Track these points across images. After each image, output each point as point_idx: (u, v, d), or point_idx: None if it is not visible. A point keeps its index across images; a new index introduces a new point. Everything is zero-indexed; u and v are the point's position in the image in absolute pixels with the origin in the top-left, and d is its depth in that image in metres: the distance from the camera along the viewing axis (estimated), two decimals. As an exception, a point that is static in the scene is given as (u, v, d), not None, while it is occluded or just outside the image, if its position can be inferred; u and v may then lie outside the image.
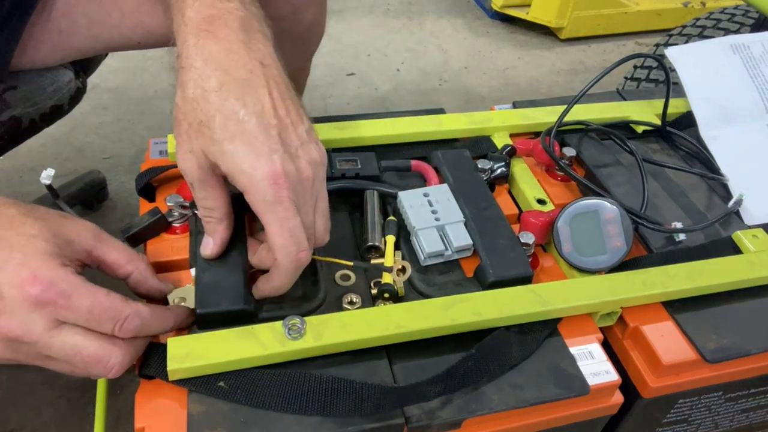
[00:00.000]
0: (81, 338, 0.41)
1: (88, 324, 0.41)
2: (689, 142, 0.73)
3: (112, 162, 1.28)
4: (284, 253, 0.45)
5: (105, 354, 0.41)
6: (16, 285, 0.39)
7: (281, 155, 0.43)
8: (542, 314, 0.51)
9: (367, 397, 0.44)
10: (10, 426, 0.85)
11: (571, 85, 1.70)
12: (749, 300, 0.57)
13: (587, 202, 0.57)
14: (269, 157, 0.43)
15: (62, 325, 0.40)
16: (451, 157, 0.64)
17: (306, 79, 0.96)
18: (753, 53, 0.77)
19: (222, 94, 0.43)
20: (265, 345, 0.46)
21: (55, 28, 0.66)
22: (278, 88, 0.46)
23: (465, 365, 0.47)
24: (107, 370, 0.42)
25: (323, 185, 0.48)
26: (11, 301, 0.39)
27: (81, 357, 0.41)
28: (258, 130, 0.43)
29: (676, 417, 0.58)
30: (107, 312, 0.41)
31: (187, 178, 0.46)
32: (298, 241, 0.44)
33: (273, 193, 0.43)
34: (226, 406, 0.44)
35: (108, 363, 0.42)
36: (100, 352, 0.41)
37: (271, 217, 0.44)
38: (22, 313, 0.39)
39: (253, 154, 0.43)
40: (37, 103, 0.68)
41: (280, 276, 0.46)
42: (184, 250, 0.55)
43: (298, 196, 0.45)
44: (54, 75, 0.70)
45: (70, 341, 0.40)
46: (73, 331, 0.40)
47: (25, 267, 0.39)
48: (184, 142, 0.45)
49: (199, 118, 0.43)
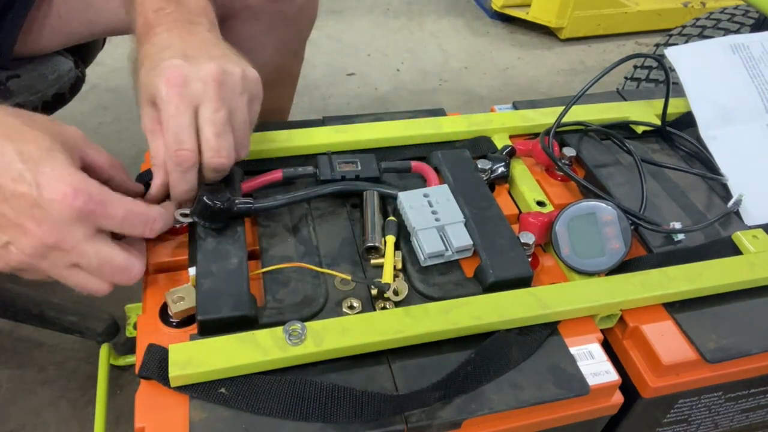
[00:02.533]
0: (111, 249, 0.45)
1: (121, 229, 0.46)
2: (689, 142, 0.73)
3: (112, 162, 1.28)
4: (166, 147, 0.48)
5: (130, 264, 0.46)
6: (58, 198, 0.41)
7: (179, 65, 0.48)
8: (542, 317, 0.51)
9: (367, 404, 0.44)
10: (10, 426, 0.85)
11: (571, 85, 1.70)
12: (749, 300, 0.57)
13: (585, 204, 0.57)
14: (167, 66, 0.48)
15: (98, 234, 0.44)
16: (451, 157, 0.64)
17: (300, 66, 0.96)
18: (753, 53, 0.77)
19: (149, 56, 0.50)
20: (266, 351, 0.46)
21: (55, 14, 0.67)
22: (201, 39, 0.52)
23: (464, 370, 0.47)
24: (131, 278, 0.47)
25: (240, 97, 0.50)
26: (54, 213, 0.42)
27: (110, 266, 0.45)
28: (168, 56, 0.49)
29: (676, 417, 0.58)
30: (138, 217, 0.46)
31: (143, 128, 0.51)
32: (179, 140, 0.48)
33: (165, 91, 0.47)
34: (228, 413, 0.45)
35: (132, 271, 0.47)
36: (127, 263, 0.46)
37: (162, 116, 0.48)
38: (65, 223, 0.42)
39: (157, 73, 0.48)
40: (39, 91, 0.70)
41: (163, 173, 0.50)
42: (183, 250, 0.55)
43: (195, 96, 0.48)
44: (55, 64, 0.72)
45: (102, 250, 0.45)
46: (105, 242, 0.45)
47: (61, 181, 0.42)
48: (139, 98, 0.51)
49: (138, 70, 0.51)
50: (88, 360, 0.92)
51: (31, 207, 0.41)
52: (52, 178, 0.42)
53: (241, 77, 0.50)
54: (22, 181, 0.41)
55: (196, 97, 0.48)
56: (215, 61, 0.49)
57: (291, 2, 0.78)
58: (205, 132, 0.49)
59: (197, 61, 0.49)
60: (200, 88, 0.48)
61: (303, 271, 0.53)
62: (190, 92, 0.48)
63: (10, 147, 0.42)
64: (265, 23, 0.78)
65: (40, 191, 0.41)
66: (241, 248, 0.52)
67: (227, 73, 0.49)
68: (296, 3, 0.79)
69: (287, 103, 1.00)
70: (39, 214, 0.42)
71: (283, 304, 0.51)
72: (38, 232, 0.42)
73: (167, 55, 0.49)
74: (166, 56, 0.49)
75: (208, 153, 0.49)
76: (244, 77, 0.51)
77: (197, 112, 0.48)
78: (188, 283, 0.51)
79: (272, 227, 0.57)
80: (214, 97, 0.48)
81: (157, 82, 0.48)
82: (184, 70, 0.48)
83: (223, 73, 0.49)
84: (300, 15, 0.82)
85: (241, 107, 0.51)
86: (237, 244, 0.53)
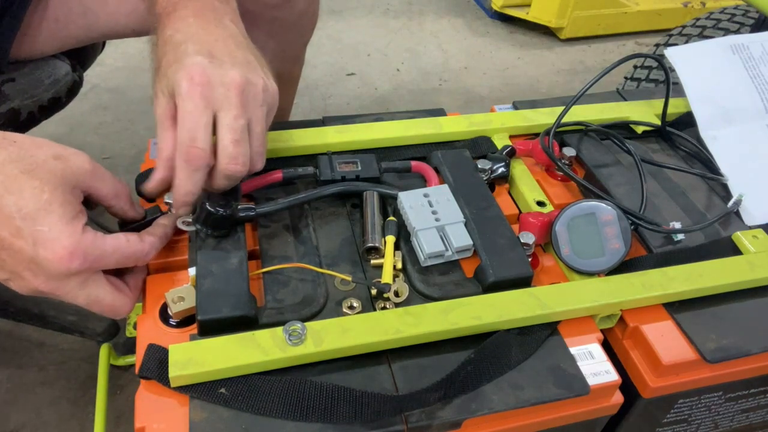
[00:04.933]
0: (102, 291, 0.47)
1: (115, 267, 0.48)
2: (689, 142, 0.73)
3: (112, 162, 1.28)
4: (178, 143, 0.48)
5: (119, 303, 0.48)
6: (53, 259, 0.42)
7: (204, 65, 0.48)
8: (542, 317, 0.52)
9: (367, 405, 0.44)
10: (10, 426, 0.85)
11: (571, 85, 1.70)
12: (749, 300, 0.57)
13: (584, 204, 0.57)
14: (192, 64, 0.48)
15: (89, 279, 0.46)
16: (451, 157, 0.64)
17: (300, 69, 0.96)
18: (753, 53, 0.77)
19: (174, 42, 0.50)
20: (266, 351, 0.46)
21: (51, 17, 0.67)
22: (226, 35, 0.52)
23: (464, 370, 0.47)
24: (119, 315, 0.49)
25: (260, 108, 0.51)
26: (49, 270, 0.43)
27: (99, 306, 0.47)
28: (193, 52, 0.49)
29: (676, 417, 0.58)
30: (131, 258, 0.48)
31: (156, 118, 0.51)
32: (193, 137, 0.48)
33: (187, 88, 0.47)
34: (228, 413, 0.45)
35: (120, 310, 0.49)
36: (115, 303, 0.48)
37: (180, 113, 0.48)
38: (59, 278, 0.44)
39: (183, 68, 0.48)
40: (35, 96, 0.69)
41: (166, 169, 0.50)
42: (183, 250, 0.55)
43: (216, 100, 0.48)
44: (51, 68, 0.70)
45: (93, 293, 0.46)
46: (98, 283, 0.46)
47: (56, 242, 0.42)
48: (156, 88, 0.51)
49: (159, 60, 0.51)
50: (88, 360, 0.92)
51: (27, 261, 0.43)
52: (48, 240, 0.42)
53: (263, 89, 0.50)
54: (20, 237, 0.42)
55: (217, 101, 0.48)
56: (240, 68, 0.49)
57: (291, 8, 0.78)
58: (224, 138, 0.48)
59: (222, 65, 0.48)
60: (222, 93, 0.48)
61: (303, 271, 0.53)
62: (212, 95, 0.48)
63: (10, 200, 0.42)
64: (265, 29, 0.78)
65: (36, 250, 0.42)
66: (241, 248, 0.52)
67: (250, 83, 0.49)
68: (296, 9, 0.79)
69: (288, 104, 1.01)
70: (35, 268, 0.43)
71: (283, 304, 0.51)
72: (33, 282, 0.44)
73: (192, 50, 0.49)
74: (190, 51, 0.49)
75: (224, 159, 0.49)
76: (265, 89, 0.51)
77: (216, 116, 0.48)
78: (188, 283, 0.51)
79: (272, 227, 0.57)
80: (235, 105, 0.48)
81: (179, 77, 0.47)
82: (209, 71, 0.48)
83: (247, 83, 0.49)
84: (300, 21, 0.82)
85: (260, 118, 0.51)
86: (237, 244, 0.53)
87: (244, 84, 0.49)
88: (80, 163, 0.46)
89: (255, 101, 0.50)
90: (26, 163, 0.43)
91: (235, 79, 0.48)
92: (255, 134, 0.50)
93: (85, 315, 0.86)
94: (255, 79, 0.50)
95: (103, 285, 0.47)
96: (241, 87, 0.48)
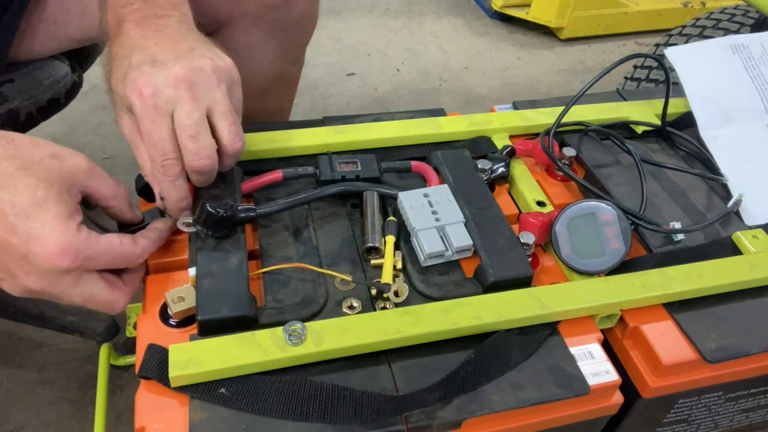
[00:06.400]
0: (96, 288, 0.47)
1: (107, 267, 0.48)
2: (689, 142, 0.73)
3: (112, 162, 1.28)
4: (151, 160, 0.49)
5: (114, 299, 0.48)
6: (45, 257, 0.42)
7: (148, 72, 0.47)
8: (542, 318, 0.52)
9: (367, 405, 0.44)
10: (10, 426, 0.85)
11: (571, 85, 1.70)
12: (749, 300, 0.57)
13: (584, 204, 0.57)
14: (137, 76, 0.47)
15: (83, 276, 0.45)
16: (451, 157, 0.64)
17: (300, 70, 0.96)
18: (753, 53, 0.77)
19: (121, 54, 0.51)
20: (266, 351, 0.46)
21: (50, 18, 0.67)
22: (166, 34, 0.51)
23: (464, 370, 0.47)
24: (114, 311, 0.49)
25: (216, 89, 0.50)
26: (41, 267, 0.43)
27: (94, 303, 0.47)
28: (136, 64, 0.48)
29: (676, 417, 0.58)
30: (123, 259, 0.48)
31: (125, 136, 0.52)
32: (162, 150, 0.48)
33: (139, 105, 0.47)
34: (228, 413, 0.45)
35: (115, 306, 0.48)
36: (110, 299, 0.48)
37: (141, 130, 0.48)
38: (51, 276, 0.43)
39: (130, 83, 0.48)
40: (34, 96, 0.69)
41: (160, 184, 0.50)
42: (183, 250, 0.55)
43: (168, 103, 0.47)
44: (50, 68, 0.70)
45: (87, 290, 0.46)
46: (91, 281, 0.46)
47: (49, 239, 0.42)
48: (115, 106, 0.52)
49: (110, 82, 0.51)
50: (88, 360, 0.92)
51: (20, 259, 0.43)
52: (41, 236, 0.42)
53: (213, 69, 0.49)
54: (13, 233, 0.42)
55: (170, 104, 0.48)
56: (183, 60, 0.48)
57: (290, 10, 0.78)
58: (180, 136, 0.48)
59: (165, 65, 0.48)
60: (172, 93, 0.47)
61: (303, 272, 0.53)
62: (163, 100, 0.47)
63: (4, 196, 0.42)
64: (265, 31, 0.78)
65: (28, 247, 0.42)
66: (241, 248, 0.52)
67: (196, 70, 0.48)
68: (296, 11, 0.79)
69: (287, 104, 1.00)
70: (27, 266, 0.43)
71: (283, 304, 0.51)
72: (25, 280, 0.43)
73: (135, 61, 0.48)
74: (134, 62, 0.48)
75: (187, 157, 0.49)
76: (216, 68, 0.50)
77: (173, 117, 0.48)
78: (188, 283, 0.51)
79: (272, 227, 0.57)
80: (186, 99, 0.48)
81: (129, 93, 0.47)
82: (153, 78, 0.47)
83: (192, 71, 0.48)
84: (300, 22, 0.82)
85: (220, 100, 0.50)
86: (237, 244, 0.53)
87: (190, 74, 0.48)
88: (77, 163, 0.46)
89: (208, 85, 0.49)
90: (22, 161, 0.44)
91: (179, 75, 0.48)
92: (219, 115, 0.50)
93: (85, 315, 0.86)
94: (200, 63, 0.49)
95: (96, 282, 0.47)
96: (187, 79, 0.48)
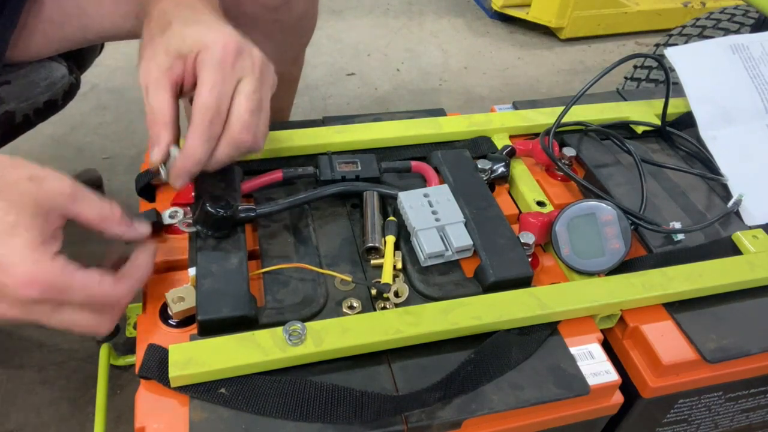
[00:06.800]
0: (77, 315, 0.43)
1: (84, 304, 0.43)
2: (689, 142, 0.73)
3: (112, 162, 1.28)
4: (204, 107, 0.47)
5: (97, 324, 0.45)
6: (14, 287, 0.40)
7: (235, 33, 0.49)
8: (541, 318, 0.52)
9: (367, 405, 0.44)
10: (10, 426, 0.85)
11: (571, 85, 1.70)
12: (749, 300, 0.57)
13: (584, 204, 0.57)
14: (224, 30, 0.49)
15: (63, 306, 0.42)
16: (451, 157, 0.64)
17: (300, 70, 0.96)
18: (753, 53, 0.77)
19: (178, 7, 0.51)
20: (266, 351, 0.46)
21: (47, 19, 0.66)
22: None
23: (464, 370, 0.47)
24: (99, 335, 0.46)
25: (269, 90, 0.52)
26: (12, 295, 0.40)
27: (78, 329, 0.44)
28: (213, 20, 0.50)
29: (676, 417, 0.58)
30: (101, 300, 0.44)
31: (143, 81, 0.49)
32: (218, 109, 0.48)
33: (221, 55, 0.47)
34: (228, 413, 0.45)
35: (100, 330, 0.45)
36: (93, 324, 0.45)
37: (208, 75, 0.47)
38: (23, 304, 0.41)
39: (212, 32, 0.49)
40: (30, 98, 0.68)
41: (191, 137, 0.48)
42: (183, 250, 0.55)
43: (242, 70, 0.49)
44: (47, 70, 0.70)
45: (67, 318, 0.43)
46: (71, 308, 0.43)
47: (18, 267, 0.40)
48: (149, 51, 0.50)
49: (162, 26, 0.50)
50: (88, 360, 0.92)
51: None
52: (9, 265, 0.40)
53: (273, 73, 0.52)
54: None
55: (243, 71, 0.49)
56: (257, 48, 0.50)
57: (290, 11, 0.77)
58: (240, 105, 0.48)
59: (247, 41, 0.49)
60: (249, 65, 0.49)
61: (303, 272, 0.53)
62: (240, 65, 0.48)
63: None
64: (263, 32, 0.77)
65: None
66: (241, 248, 0.52)
67: (267, 65, 0.51)
68: (295, 12, 0.78)
69: (287, 104, 1.00)
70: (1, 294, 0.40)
71: (283, 304, 0.51)
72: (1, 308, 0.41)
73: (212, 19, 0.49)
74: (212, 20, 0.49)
75: (237, 126, 0.48)
76: (273, 76, 0.52)
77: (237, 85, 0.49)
78: (188, 283, 0.51)
79: (272, 227, 0.57)
80: (257, 78, 0.49)
81: (211, 40, 0.48)
82: (240, 42, 0.48)
83: (265, 64, 0.50)
84: (300, 23, 0.82)
85: (267, 100, 0.52)
86: (237, 244, 0.53)
87: (265, 63, 0.50)
88: (57, 186, 0.43)
89: (268, 83, 0.51)
90: None
91: (258, 55, 0.50)
92: (264, 112, 0.51)
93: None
94: (269, 63, 0.51)
95: (78, 309, 0.43)
96: (262, 64, 0.50)
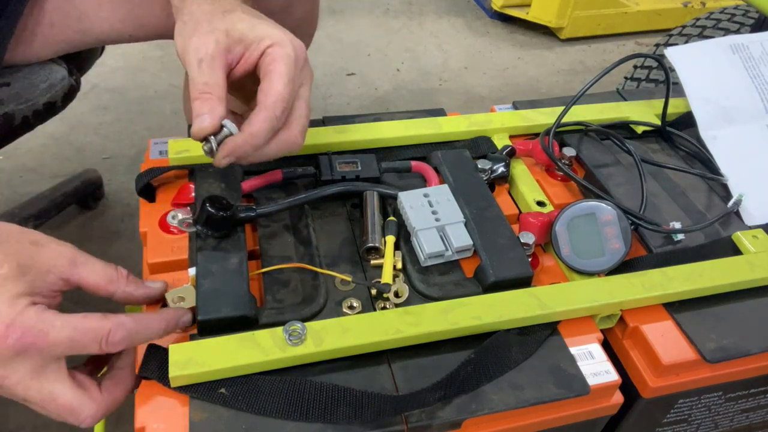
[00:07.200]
0: (59, 385, 0.41)
1: (73, 352, 0.40)
2: (689, 142, 0.73)
3: (112, 162, 1.28)
4: (281, 96, 0.49)
5: (79, 405, 0.41)
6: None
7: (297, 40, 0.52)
8: (542, 317, 0.51)
9: (367, 405, 0.44)
10: (9, 426, 0.85)
11: (571, 85, 1.70)
12: (749, 300, 0.57)
13: (584, 204, 0.57)
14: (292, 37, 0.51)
15: (45, 368, 0.40)
16: (451, 157, 0.64)
17: None
18: (753, 53, 0.77)
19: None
20: (266, 351, 0.46)
21: (47, 22, 0.66)
22: None
23: (464, 370, 0.47)
24: (79, 421, 0.42)
25: None
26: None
27: (55, 405, 0.41)
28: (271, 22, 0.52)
29: (676, 417, 0.58)
30: (88, 334, 0.41)
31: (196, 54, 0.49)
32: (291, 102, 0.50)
33: (296, 56, 0.50)
34: (228, 413, 0.44)
35: (81, 414, 0.42)
36: (74, 403, 0.41)
37: (286, 69, 0.49)
38: (3, 360, 0.39)
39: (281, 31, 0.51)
40: (29, 100, 0.68)
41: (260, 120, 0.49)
42: (183, 250, 0.55)
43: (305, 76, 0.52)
44: (47, 72, 0.70)
45: (47, 387, 0.40)
46: (54, 377, 0.40)
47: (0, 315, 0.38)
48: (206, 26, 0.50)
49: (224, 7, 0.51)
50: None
51: None
52: None
53: None
54: None
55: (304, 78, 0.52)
56: None
57: (290, 15, 0.77)
58: (301, 109, 0.52)
59: None
60: (309, 74, 0.53)
61: (303, 271, 0.53)
62: (306, 71, 0.52)
63: None
64: None
65: None
66: (241, 248, 0.52)
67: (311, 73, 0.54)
68: (296, 15, 0.78)
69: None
70: None
71: (283, 304, 0.51)
72: None
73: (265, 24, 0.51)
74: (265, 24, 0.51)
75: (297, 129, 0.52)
76: None
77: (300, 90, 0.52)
78: (188, 283, 0.51)
79: (272, 227, 0.57)
80: (311, 86, 0.53)
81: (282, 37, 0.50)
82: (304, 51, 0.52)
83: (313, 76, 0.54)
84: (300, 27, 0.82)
85: None
86: (237, 244, 0.53)
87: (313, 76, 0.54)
88: (59, 251, 0.43)
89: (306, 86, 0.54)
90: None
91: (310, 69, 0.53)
92: None
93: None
94: None
95: (62, 379, 0.41)
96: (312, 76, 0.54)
